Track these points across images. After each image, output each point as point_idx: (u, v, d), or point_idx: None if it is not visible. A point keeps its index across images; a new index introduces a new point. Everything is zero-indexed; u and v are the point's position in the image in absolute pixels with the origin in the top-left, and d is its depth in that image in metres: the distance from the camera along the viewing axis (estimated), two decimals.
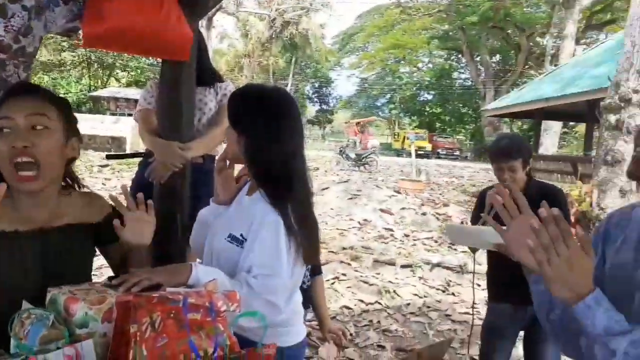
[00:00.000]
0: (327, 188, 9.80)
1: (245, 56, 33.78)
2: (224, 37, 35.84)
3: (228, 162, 1.56)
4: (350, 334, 4.11)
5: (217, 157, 1.67)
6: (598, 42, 18.17)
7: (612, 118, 6.55)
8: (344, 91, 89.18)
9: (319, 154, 22.08)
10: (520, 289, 2.53)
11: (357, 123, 33.36)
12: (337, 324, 2.82)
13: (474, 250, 2.82)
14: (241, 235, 1.40)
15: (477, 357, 3.56)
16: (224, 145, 1.58)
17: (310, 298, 2.17)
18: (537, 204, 2.29)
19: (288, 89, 37.58)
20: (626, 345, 0.89)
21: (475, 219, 2.58)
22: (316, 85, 51.70)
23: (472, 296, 2.99)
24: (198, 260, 1.73)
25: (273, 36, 33.62)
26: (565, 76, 11.45)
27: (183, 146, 2.06)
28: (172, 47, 1.94)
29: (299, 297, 1.55)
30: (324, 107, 55.17)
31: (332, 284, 5.11)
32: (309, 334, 4.08)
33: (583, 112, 10.43)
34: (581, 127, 17.58)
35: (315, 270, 2.20)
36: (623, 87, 6.51)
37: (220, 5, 20.17)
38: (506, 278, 2.52)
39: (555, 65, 16.96)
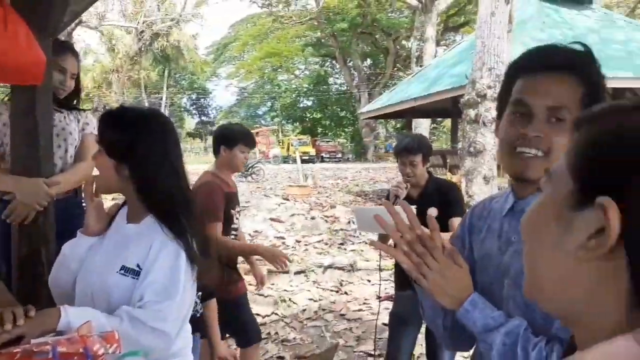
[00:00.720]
0: None
1: (113, 71, 31.90)
2: (87, 52, 33.51)
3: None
4: None
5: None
6: (455, 44, 19.91)
7: (472, 112, 7.20)
8: (224, 101, 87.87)
9: (202, 168, 21.49)
10: None
11: (256, 133, 33.12)
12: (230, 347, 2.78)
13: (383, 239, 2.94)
14: (137, 265, 1.31)
15: (372, 352, 3.72)
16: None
17: (201, 324, 2.10)
18: (435, 198, 2.59)
19: (162, 102, 36.23)
20: (502, 337, 0.97)
21: None
22: (193, 97, 50.47)
23: (378, 290, 3.12)
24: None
25: (142, 49, 32.18)
26: (429, 76, 12.36)
27: (49, 182, 1.87)
28: (23, 71, 1.77)
29: (189, 327, 1.50)
30: (204, 118, 54.01)
31: None
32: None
33: (448, 108, 11.34)
34: (448, 122, 19.07)
35: (205, 295, 2.14)
36: (478, 84, 7.19)
37: (80, 20, 18.87)
38: None
39: (421, 67, 18.28)
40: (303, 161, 18.85)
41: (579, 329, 0.50)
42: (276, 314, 4.75)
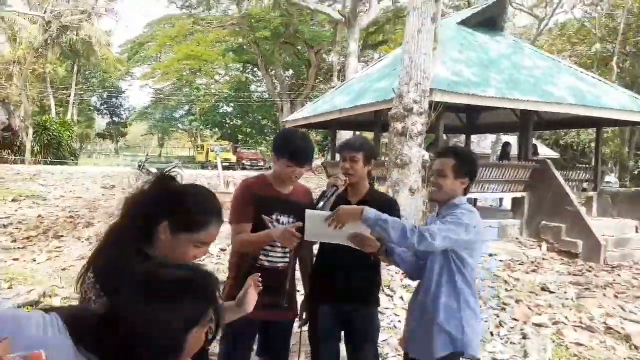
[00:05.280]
0: None
1: (14, 63, 29.27)
2: None
3: None
4: None
5: None
6: (376, 60, 20.50)
7: (399, 126, 7.35)
8: (138, 102, 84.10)
9: (113, 170, 20.35)
10: (341, 288, 2.61)
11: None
12: None
13: None
14: None
15: None
16: None
17: None
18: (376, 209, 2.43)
19: (71, 100, 33.94)
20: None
21: None
22: (105, 96, 47.85)
23: None
24: None
25: (49, 42, 29.87)
26: (354, 89, 12.54)
27: None
28: None
29: None
30: (116, 119, 51.40)
31: None
32: None
33: (371, 121, 11.55)
34: (370, 135, 19.51)
35: None
36: (406, 99, 7.36)
37: None
38: (332, 277, 2.62)
39: (342, 80, 18.57)
40: (224, 168, 18.39)
41: None
42: None
